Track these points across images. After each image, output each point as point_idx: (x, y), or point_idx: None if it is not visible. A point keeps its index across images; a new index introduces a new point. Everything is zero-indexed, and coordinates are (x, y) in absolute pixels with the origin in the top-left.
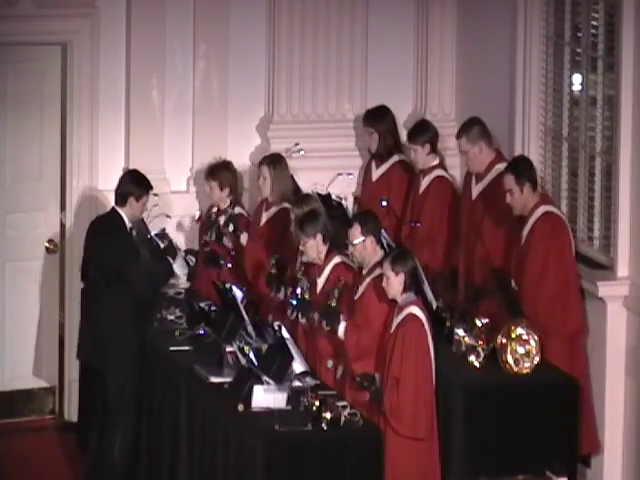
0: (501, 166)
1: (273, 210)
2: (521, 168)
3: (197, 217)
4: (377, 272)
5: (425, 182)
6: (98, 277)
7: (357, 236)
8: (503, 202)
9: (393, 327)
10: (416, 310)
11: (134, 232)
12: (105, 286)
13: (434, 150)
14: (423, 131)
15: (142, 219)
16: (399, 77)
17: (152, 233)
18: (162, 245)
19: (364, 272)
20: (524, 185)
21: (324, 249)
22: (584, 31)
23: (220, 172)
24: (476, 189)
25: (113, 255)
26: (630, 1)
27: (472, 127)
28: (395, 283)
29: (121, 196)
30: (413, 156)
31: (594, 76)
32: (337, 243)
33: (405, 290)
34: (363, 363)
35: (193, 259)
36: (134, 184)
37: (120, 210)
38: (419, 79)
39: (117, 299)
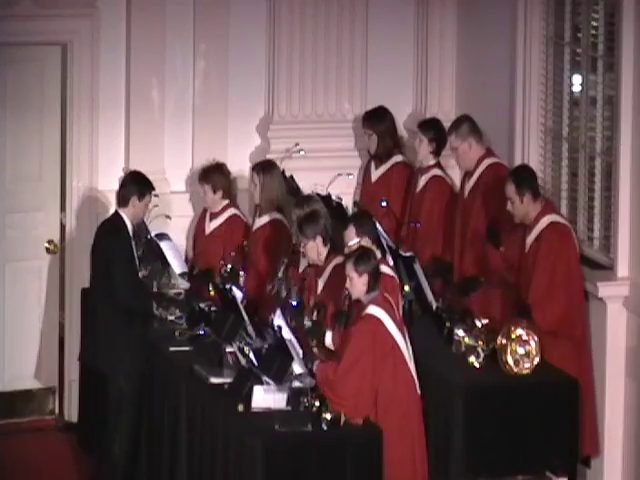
0: (489, 160)
1: (264, 219)
2: (521, 177)
3: None
4: None
5: (422, 181)
6: (99, 280)
7: (353, 237)
8: (491, 195)
9: None
10: (374, 309)
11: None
12: (106, 289)
13: (436, 152)
14: (435, 128)
15: (142, 220)
16: (399, 77)
17: (152, 234)
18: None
19: None
20: (524, 195)
21: (324, 251)
22: (584, 31)
23: (213, 175)
24: (467, 187)
25: (109, 257)
26: (630, 1)
27: (461, 124)
28: (359, 284)
29: (123, 197)
30: (416, 145)
31: (594, 76)
32: (338, 244)
33: (369, 290)
34: None
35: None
36: (136, 184)
37: (122, 212)
38: (419, 79)
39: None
